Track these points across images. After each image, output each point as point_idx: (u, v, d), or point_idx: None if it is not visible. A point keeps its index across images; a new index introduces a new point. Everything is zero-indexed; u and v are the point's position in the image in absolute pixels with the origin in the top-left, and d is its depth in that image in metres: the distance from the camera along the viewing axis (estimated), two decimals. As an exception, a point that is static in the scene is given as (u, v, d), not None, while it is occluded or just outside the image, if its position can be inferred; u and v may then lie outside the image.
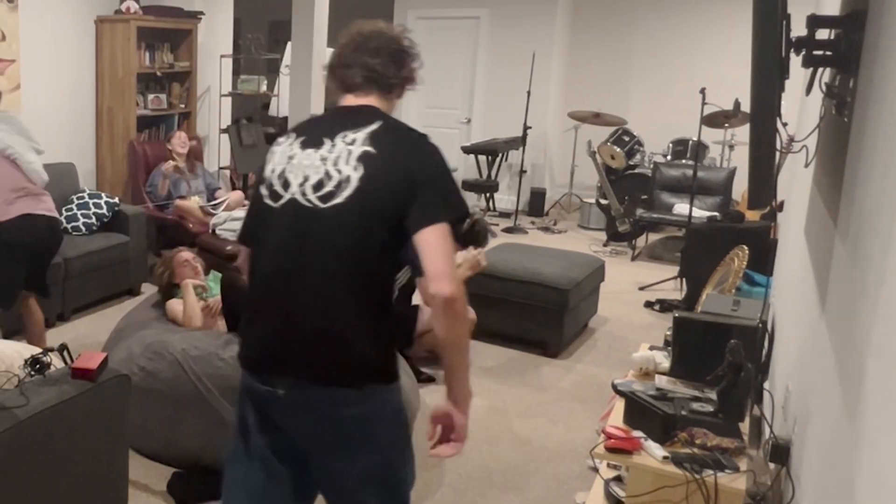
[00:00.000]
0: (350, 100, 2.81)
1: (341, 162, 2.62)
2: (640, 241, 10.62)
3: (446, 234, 2.57)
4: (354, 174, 2.59)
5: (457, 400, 2.67)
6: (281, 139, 2.83)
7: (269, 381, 2.65)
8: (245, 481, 2.82)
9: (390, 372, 2.70)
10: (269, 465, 2.78)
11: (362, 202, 2.57)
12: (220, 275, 5.45)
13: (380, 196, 2.57)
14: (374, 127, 2.68)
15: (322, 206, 2.59)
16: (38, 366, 3.39)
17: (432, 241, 2.53)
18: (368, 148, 2.62)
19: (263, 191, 2.73)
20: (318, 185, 2.62)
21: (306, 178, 2.65)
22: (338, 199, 2.58)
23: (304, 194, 2.63)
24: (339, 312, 2.58)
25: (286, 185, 2.67)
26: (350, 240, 2.57)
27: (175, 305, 5.22)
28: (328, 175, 2.62)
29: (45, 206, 5.47)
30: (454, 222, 2.62)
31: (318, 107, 10.26)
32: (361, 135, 2.66)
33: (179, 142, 8.48)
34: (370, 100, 2.80)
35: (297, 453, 2.76)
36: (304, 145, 2.72)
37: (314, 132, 2.75)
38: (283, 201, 2.66)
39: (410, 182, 2.58)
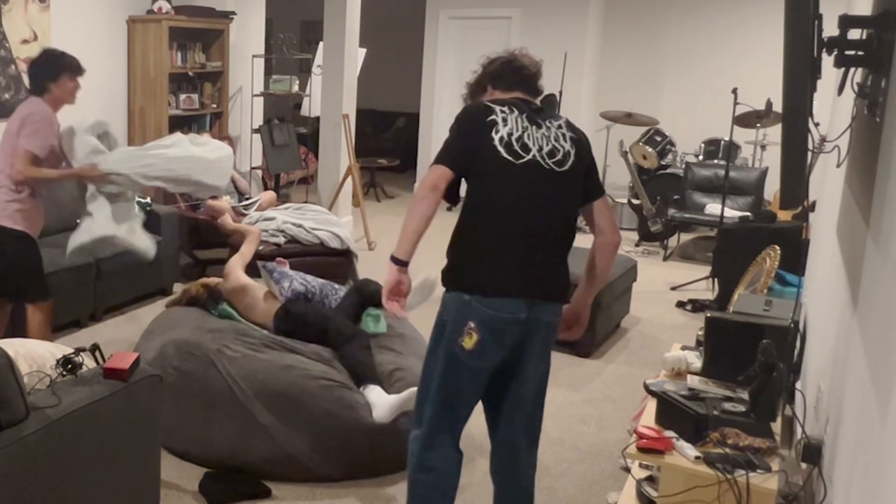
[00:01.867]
0: (520, 95, 3.70)
1: (561, 140, 3.55)
2: (672, 242, 10.58)
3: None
4: (572, 151, 3.55)
5: (588, 304, 3.76)
6: (502, 109, 3.53)
7: (512, 304, 3.38)
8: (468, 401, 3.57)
9: None
10: (481, 380, 3.52)
11: (576, 171, 3.54)
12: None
13: (582, 168, 3.57)
14: (565, 119, 3.68)
15: (558, 169, 3.49)
16: (70, 366, 3.41)
17: (607, 206, 3.66)
18: (573, 134, 3.61)
19: (498, 146, 3.44)
20: (552, 154, 3.50)
21: (541, 147, 3.48)
22: (566, 167, 3.51)
23: (542, 159, 3.47)
24: (565, 247, 3.55)
25: (525, 148, 3.46)
26: (571, 195, 3.54)
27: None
28: (555, 149, 3.51)
29: None
30: None
31: (349, 106, 10.26)
32: (563, 122, 3.64)
33: None
34: (530, 98, 3.73)
35: (509, 363, 3.53)
36: (530, 121, 3.54)
37: (529, 113, 3.57)
38: (524, 160, 3.44)
39: (589, 162, 3.63)
